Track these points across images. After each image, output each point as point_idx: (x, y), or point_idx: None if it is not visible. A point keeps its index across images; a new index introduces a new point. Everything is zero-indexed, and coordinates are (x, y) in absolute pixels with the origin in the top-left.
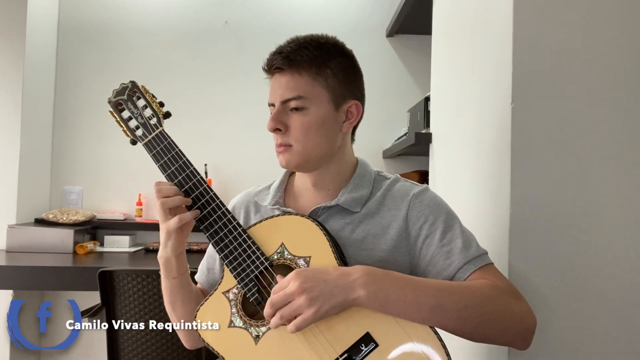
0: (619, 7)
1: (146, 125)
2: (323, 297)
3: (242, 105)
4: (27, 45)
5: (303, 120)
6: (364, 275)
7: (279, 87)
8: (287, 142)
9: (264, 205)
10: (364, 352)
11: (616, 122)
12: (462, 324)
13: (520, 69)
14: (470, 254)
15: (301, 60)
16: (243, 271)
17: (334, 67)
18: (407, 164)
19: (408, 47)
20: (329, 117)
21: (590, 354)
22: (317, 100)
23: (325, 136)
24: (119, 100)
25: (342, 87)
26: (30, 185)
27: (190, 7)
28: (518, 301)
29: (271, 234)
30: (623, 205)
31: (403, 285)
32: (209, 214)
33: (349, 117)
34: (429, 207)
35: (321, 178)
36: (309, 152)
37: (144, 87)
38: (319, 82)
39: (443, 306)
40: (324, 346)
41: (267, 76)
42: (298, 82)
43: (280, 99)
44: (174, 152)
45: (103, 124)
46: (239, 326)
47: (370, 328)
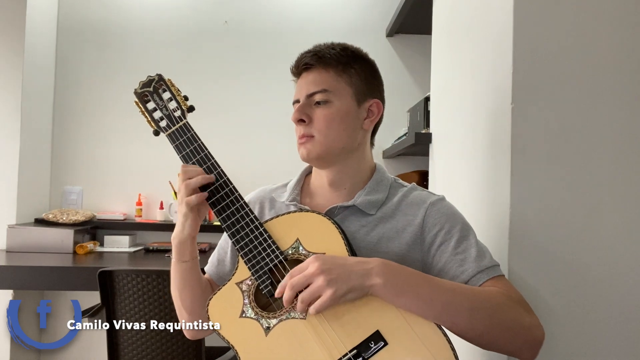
0: (619, 7)
1: (170, 117)
2: (341, 280)
3: (242, 105)
4: (27, 45)
5: (327, 112)
6: (381, 265)
7: (306, 84)
8: (310, 133)
9: (281, 201)
10: (372, 350)
11: (616, 122)
12: (473, 325)
13: (520, 69)
14: (483, 264)
15: (329, 57)
16: (257, 263)
17: (357, 67)
18: (407, 164)
19: (408, 47)
20: (351, 112)
21: (590, 357)
22: (340, 94)
23: (347, 129)
24: (145, 92)
25: (365, 85)
26: (30, 185)
27: (190, 7)
28: (528, 313)
29: (287, 230)
30: (623, 205)
31: (418, 280)
32: (227, 206)
33: (369, 115)
34: (446, 215)
35: (338, 176)
36: (330, 143)
37: (170, 80)
38: (344, 78)
39: (455, 304)
40: (334, 341)
41: (294, 78)
42: (324, 77)
43: (306, 93)
44: (197, 144)
45: (103, 124)
46: (251, 317)
47: (380, 326)
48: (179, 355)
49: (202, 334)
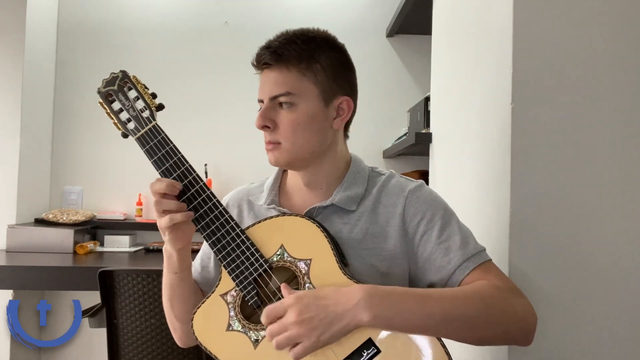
0: (619, 7)
1: (138, 119)
2: (323, 326)
3: (242, 105)
4: (27, 45)
5: (291, 117)
6: (366, 298)
7: (267, 83)
8: (276, 140)
9: (259, 204)
10: (365, 358)
11: (616, 122)
12: (469, 333)
13: (520, 69)
14: (468, 251)
15: (289, 55)
16: (241, 273)
17: (323, 61)
18: (407, 164)
19: (408, 47)
20: (318, 114)
21: (590, 353)
22: (306, 96)
23: (315, 133)
24: (109, 91)
25: (332, 82)
26: (30, 185)
27: (190, 7)
28: (519, 299)
29: (270, 235)
30: (623, 204)
31: (407, 300)
32: (206, 213)
33: (339, 113)
34: (426, 203)
35: (314, 177)
36: (298, 149)
37: (136, 77)
38: (308, 77)
39: (449, 316)
40: (325, 351)
41: (257, 72)
42: (286, 77)
43: (269, 95)
44: (168, 148)
45: (103, 123)
46: (238, 330)
47: (372, 334)
48: (179, 355)
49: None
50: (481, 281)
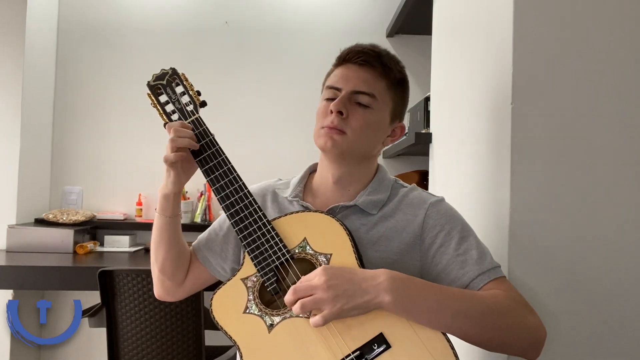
0: (619, 7)
1: (183, 111)
2: (347, 297)
3: (242, 106)
4: (27, 45)
5: (367, 116)
6: (390, 280)
7: (356, 77)
8: (343, 128)
9: (284, 196)
10: (375, 352)
11: (616, 122)
12: (482, 330)
13: (520, 69)
14: (484, 266)
15: (390, 67)
16: (264, 260)
17: (402, 88)
18: (407, 163)
19: (408, 47)
20: (383, 125)
21: (591, 357)
22: (382, 106)
23: (375, 139)
24: (158, 85)
25: (400, 107)
26: (30, 185)
27: (190, 7)
28: (531, 314)
29: (295, 229)
30: (623, 205)
31: (426, 291)
32: (236, 201)
33: (393, 134)
34: (446, 216)
35: (348, 175)
36: (358, 144)
37: (184, 74)
38: (391, 93)
39: (464, 312)
40: (337, 341)
41: (336, 62)
42: (376, 82)
43: (353, 88)
44: (208, 139)
45: (103, 123)
46: (254, 313)
47: (384, 329)
48: (179, 354)
49: (169, 297)
50: (497, 290)
